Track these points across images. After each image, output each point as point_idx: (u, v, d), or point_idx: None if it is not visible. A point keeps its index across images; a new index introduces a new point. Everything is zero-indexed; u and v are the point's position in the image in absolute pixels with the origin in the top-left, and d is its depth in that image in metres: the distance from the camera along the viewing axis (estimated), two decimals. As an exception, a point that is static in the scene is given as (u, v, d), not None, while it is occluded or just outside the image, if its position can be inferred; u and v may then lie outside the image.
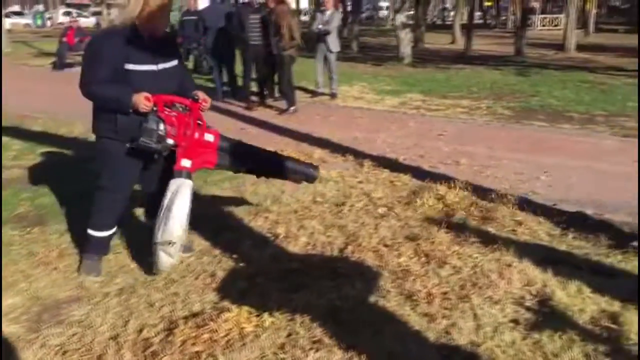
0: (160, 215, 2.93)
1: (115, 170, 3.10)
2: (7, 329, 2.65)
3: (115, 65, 2.89)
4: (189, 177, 3.05)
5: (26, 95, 9.85)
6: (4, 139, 6.16)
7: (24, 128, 6.84)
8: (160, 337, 2.55)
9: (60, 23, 36.22)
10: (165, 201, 2.93)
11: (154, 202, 3.13)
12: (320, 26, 9.29)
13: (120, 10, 3.10)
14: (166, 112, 3.01)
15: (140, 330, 2.61)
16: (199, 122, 3.16)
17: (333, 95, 9.70)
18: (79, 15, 33.51)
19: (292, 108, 8.22)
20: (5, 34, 20.12)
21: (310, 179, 3.82)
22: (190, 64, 12.46)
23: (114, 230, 3.27)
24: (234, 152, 3.36)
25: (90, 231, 3.20)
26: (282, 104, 8.52)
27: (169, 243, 2.94)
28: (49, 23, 43.11)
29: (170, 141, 2.98)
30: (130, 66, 2.90)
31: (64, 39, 13.85)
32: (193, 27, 12.20)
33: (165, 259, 3.03)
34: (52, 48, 15.24)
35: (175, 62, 3.14)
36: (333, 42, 9.34)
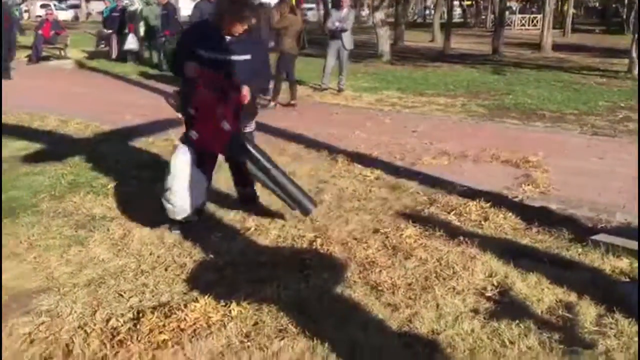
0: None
1: None
2: (-25, 319, 2.66)
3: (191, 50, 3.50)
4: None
5: None
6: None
7: (-3, 121, 6.76)
8: (128, 326, 2.59)
9: (38, 16, 35.66)
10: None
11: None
12: (337, 23, 9.47)
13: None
14: (202, 88, 3.39)
15: (108, 320, 2.64)
16: (236, 111, 3.46)
17: (340, 91, 9.93)
18: (57, 8, 33.06)
19: (272, 103, 8.27)
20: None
21: (303, 211, 3.76)
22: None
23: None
24: (246, 155, 3.57)
25: None
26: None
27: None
28: (26, 15, 42.35)
29: (191, 111, 3.46)
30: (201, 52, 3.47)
31: (40, 32, 13.69)
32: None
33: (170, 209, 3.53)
34: (28, 41, 15.02)
35: (247, 57, 3.55)
36: (347, 40, 9.54)
